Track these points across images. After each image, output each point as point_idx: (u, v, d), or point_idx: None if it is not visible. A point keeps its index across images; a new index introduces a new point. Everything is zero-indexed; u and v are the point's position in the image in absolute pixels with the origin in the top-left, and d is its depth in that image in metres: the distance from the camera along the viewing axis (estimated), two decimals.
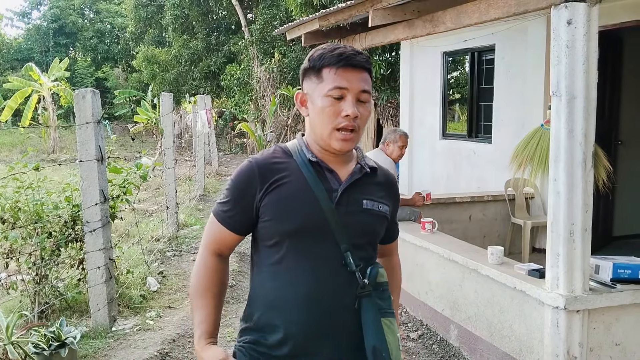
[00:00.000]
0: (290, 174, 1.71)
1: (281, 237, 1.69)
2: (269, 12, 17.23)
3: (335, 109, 1.66)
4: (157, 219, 8.01)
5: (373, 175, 1.81)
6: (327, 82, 1.67)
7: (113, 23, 34.02)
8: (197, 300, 1.76)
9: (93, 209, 4.35)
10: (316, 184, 1.69)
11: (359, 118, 1.67)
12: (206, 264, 1.79)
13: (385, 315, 1.71)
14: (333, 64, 1.66)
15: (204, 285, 1.77)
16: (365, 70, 1.70)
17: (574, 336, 3.31)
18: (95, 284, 4.41)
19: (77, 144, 4.37)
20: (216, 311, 1.78)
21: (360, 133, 1.71)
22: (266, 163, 1.73)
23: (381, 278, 1.74)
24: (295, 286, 1.67)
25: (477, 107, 7.83)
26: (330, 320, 1.68)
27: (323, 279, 1.67)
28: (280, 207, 1.68)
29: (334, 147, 1.69)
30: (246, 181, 1.73)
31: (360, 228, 1.73)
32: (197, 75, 21.95)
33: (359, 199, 1.74)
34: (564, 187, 3.25)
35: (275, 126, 13.96)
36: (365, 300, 1.69)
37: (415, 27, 5.06)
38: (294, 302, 1.67)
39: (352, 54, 1.67)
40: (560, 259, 3.28)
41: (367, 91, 1.69)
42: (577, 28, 3.14)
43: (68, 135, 22.21)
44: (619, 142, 6.75)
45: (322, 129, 1.69)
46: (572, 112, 3.20)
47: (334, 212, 1.68)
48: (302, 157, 1.73)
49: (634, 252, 5.16)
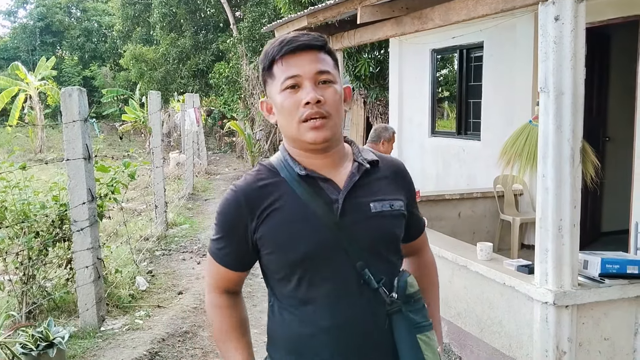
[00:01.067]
0: (281, 195, 1.52)
1: (289, 268, 1.51)
2: (257, 9, 17.20)
3: (294, 100, 1.47)
4: (146, 218, 7.97)
5: (375, 169, 1.60)
6: (278, 76, 1.50)
7: (100, 21, 33.84)
8: (226, 342, 1.63)
9: (80, 208, 4.32)
10: (312, 200, 1.50)
11: (324, 103, 1.47)
12: (217, 304, 1.64)
13: (421, 331, 1.53)
14: (277, 54, 1.50)
15: (226, 326, 1.63)
16: (317, 49, 1.50)
17: (563, 331, 3.32)
18: (83, 283, 4.38)
19: (64, 143, 4.33)
20: (249, 347, 1.64)
21: (334, 119, 1.50)
22: (252, 189, 1.54)
23: (411, 288, 1.54)
24: (316, 321, 1.51)
25: (466, 105, 7.85)
26: (362, 348, 1.51)
27: (345, 305, 1.50)
28: (279, 237, 1.50)
29: (308, 140, 1.49)
30: (234, 214, 1.55)
31: (373, 237, 1.53)
32: (186, 73, 21.87)
33: (366, 203, 1.53)
34: (552, 183, 3.26)
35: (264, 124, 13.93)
36: (396, 317, 1.51)
37: (403, 24, 5.06)
38: (318, 340, 1.51)
39: (294, 37, 1.50)
40: (549, 254, 3.29)
41: (325, 71, 1.49)
42: (565, 24, 3.15)
43: (55, 134, 22.06)
44: (607, 138, 6.78)
45: (289, 127, 1.51)
46: (560, 109, 3.21)
47: (339, 227, 1.49)
48: (290, 172, 1.53)
49: (622, 247, 5.20)
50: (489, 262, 3.92)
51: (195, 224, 8.48)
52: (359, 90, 12.17)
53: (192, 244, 7.23)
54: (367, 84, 11.20)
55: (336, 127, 1.51)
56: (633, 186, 5.37)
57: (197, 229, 8.16)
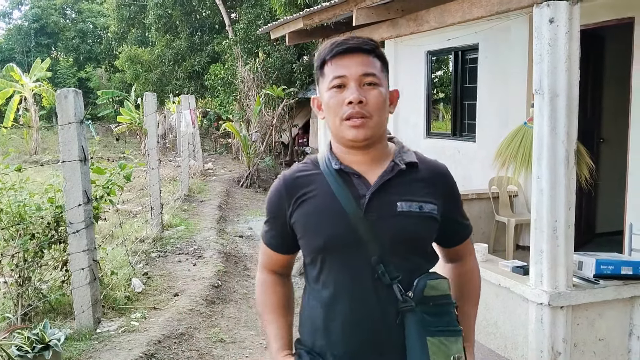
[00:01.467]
0: (316, 186, 1.64)
1: (314, 254, 1.63)
2: (253, 11, 17.18)
3: (339, 99, 1.57)
4: (142, 220, 7.96)
5: (412, 171, 1.64)
6: (327, 75, 1.60)
7: (95, 23, 33.75)
8: (267, 316, 1.76)
9: (76, 210, 4.31)
10: (342, 193, 1.59)
11: (366, 103, 1.55)
12: (264, 281, 1.80)
13: (435, 334, 1.53)
14: (328, 56, 1.60)
15: (269, 302, 1.77)
16: (365, 52, 1.59)
17: (558, 332, 3.34)
18: (79, 285, 4.37)
19: (59, 145, 4.33)
20: (288, 326, 1.76)
21: (375, 120, 1.57)
22: (292, 179, 1.69)
23: (431, 291, 1.56)
24: (333, 305, 1.60)
25: (461, 106, 7.88)
26: (374, 338, 1.58)
27: (360, 295, 1.58)
28: (307, 223, 1.63)
29: (348, 137, 1.58)
30: (276, 200, 1.70)
31: (395, 235, 1.57)
32: (181, 75, 21.83)
33: (392, 202, 1.59)
34: (547, 184, 3.28)
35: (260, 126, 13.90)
36: (409, 315, 1.55)
37: (399, 26, 5.08)
38: (334, 323, 1.60)
39: (345, 40, 1.60)
40: (543, 255, 3.31)
41: (371, 74, 1.57)
42: (559, 26, 3.18)
43: (50, 136, 22.01)
44: (601, 139, 6.81)
45: (333, 123, 1.61)
46: (555, 110, 3.23)
47: (363, 221, 1.56)
48: (328, 166, 1.64)
49: (617, 248, 5.22)
50: (484, 263, 3.93)
51: (191, 225, 8.47)
52: None
53: (187, 245, 7.22)
54: None
55: (376, 127, 1.58)
56: (627, 187, 5.40)
57: (193, 230, 8.16)
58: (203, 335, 4.58)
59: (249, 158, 13.46)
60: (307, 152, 16.67)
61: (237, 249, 7.42)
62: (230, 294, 5.64)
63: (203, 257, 6.68)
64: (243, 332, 4.76)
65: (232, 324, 4.91)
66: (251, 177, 13.06)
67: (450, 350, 1.55)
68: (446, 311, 1.59)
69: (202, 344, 4.42)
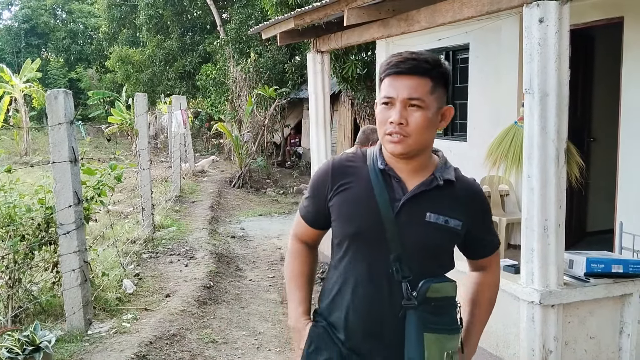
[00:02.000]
0: (358, 178, 1.80)
1: (343, 238, 1.79)
2: (244, 11, 17.17)
3: (385, 116, 1.73)
4: (133, 221, 7.92)
5: (448, 187, 1.78)
6: (382, 90, 1.76)
7: (86, 23, 33.64)
8: (292, 281, 1.95)
9: (67, 211, 4.29)
10: (380, 192, 1.74)
11: (407, 125, 1.70)
12: (294, 250, 1.98)
13: (432, 331, 1.69)
14: (384, 73, 1.75)
15: (295, 269, 1.96)
16: (416, 75, 1.70)
17: (550, 330, 3.35)
18: (70, 287, 4.35)
19: (49, 146, 4.30)
20: (310, 294, 1.95)
21: (413, 139, 1.71)
22: (340, 165, 1.85)
23: (434, 293, 1.71)
24: (348, 286, 1.77)
25: (452, 106, 7.88)
26: (379, 326, 1.74)
27: (372, 285, 1.74)
28: (343, 209, 1.79)
29: (387, 149, 1.75)
30: (321, 180, 1.86)
31: (417, 241, 1.73)
32: (172, 75, 21.78)
33: (422, 211, 1.74)
34: (537, 183, 3.29)
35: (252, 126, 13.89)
36: (411, 312, 1.70)
37: (390, 26, 5.08)
38: (347, 303, 1.77)
39: (398, 62, 1.72)
40: (534, 254, 3.32)
41: (416, 98, 1.70)
42: (549, 26, 3.19)
43: (41, 137, 21.89)
44: (592, 139, 6.84)
45: (379, 133, 1.77)
46: (545, 110, 3.24)
47: (392, 222, 1.71)
48: (374, 163, 1.80)
49: (607, 247, 5.25)
50: None
51: (183, 226, 8.45)
52: (347, 92, 12.19)
53: (179, 246, 7.20)
54: (354, 86, 11.22)
55: (414, 145, 1.72)
56: (617, 186, 5.43)
57: (185, 231, 8.13)
58: (195, 336, 4.57)
59: (240, 158, 13.44)
60: (300, 152, 16.68)
61: (229, 250, 7.41)
62: (222, 295, 5.63)
63: (195, 258, 6.66)
64: (235, 333, 4.75)
65: (224, 325, 4.90)
66: (243, 177, 13.04)
67: (445, 346, 1.71)
68: (446, 312, 1.76)
69: (194, 345, 4.41)
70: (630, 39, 5.20)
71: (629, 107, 5.24)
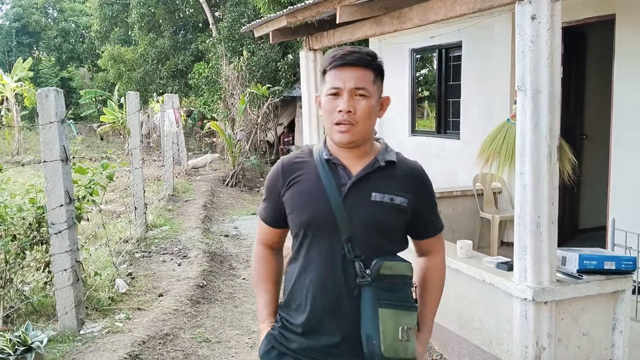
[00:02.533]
0: (307, 171, 1.91)
1: (298, 228, 1.89)
2: (237, 9, 17.11)
3: (332, 106, 1.83)
4: (125, 220, 7.89)
5: (390, 168, 1.89)
6: (327, 82, 1.86)
7: (78, 22, 33.48)
8: (258, 285, 2.07)
9: (58, 210, 4.27)
10: (327, 180, 1.85)
11: (355, 113, 1.81)
12: (259, 254, 2.09)
13: (387, 306, 1.77)
14: (330, 66, 1.85)
15: (261, 273, 2.07)
16: (361, 66, 1.83)
17: (543, 327, 3.35)
18: (61, 286, 4.33)
19: (40, 145, 4.28)
20: (276, 295, 2.06)
21: (361, 126, 1.83)
22: (289, 162, 1.96)
23: (386, 271, 1.79)
24: (307, 273, 1.87)
25: (445, 104, 7.90)
26: (335, 305, 1.83)
27: (328, 267, 1.84)
28: (295, 201, 1.90)
29: (335, 140, 1.86)
30: (274, 180, 1.97)
31: (365, 220, 1.82)
32: (165, 74, 21.68)
33: (368, 192, 1.84)
34: (530, 180, 3.29)
35: (245, 125, 13.84)
36: (365, 289, 1.79)
37: (382, 24, 5.08)
38: (306, 287, 1.87)
39: (345, 54, 1.83)
40: (527, 251, 3.32)
41: (362, 87, 1.82)
42: (541, 23, 3.19)
43: (32, 136, 21.77)
44: (584, 136, 6.87)
45: (327, 124, 1.88)
46: (537, 107, 3.25)
47: (340, 206, 1.82)
48: (319, 156, 1.91)
49: (600, 244, 5.27)
50: (469, 260, 3.94)
51: (176, 225, 8.42)
52: None
53: (172, 245, 7.18)
54: None
55: (361, 133, 1.84)
56: (610, 183, 5.44)
57: (178, 230, 8.11)
58: (188, 336, 4.55)
59: (234, 157, 13.41)
60: (293, 150, 16.65)
61: (222, 249, 7.39)
62: (216, 294, 5.62)
63: (188, 257, 6.64)
64: (229, 332, 4.74)
65: (218, 324, 4.88)
66: (236, 176, 13.01)
67: (400, 321, 1.78)
68: (401, 289, 1.83)
69: (187, 344, 4.39)
70: (622, 36, 5.21)
71: (621, 104, 5.26)
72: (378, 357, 1.75)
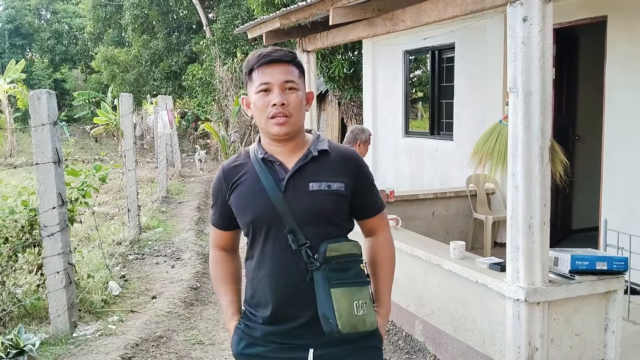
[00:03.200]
0: (246, 172, 1.98)
1: (246, 228, 1.97)
2: (231, 11, 17.12)
3: (265, 101, 1.89)
4: (119, 222, 7.87)
5: (323, 157, 1.96)
6: (255, 81, 1.91)
7: (71, 23, 33.37)
8: (218, 288, 2.15)
9: (51, 212, 4.25)
10: (265, 177, 1.92)
11: (288, 105, 1.88)
12: (214, 258, 2.15)
13: (338, 285, 1.85)
14: (256, 64, 1.91)
15: (219, 275, 2.14)
16: (286, 62, 1.91)
17: (535, 328, 3.36)
18: (54, 289, 4.32)
19: (32, 147, 4.26)
20: (237, 294, 2.13)
21: (294, 118, 1.90)
22: (229, 167, 2.03)
23: (332, 252, 1.88)
24: (261, 267, 1.95)
25: (439, 105, 7.92)
26: (292, 294, 1.90)
27: (279, 259, 1.91)
28: (240, 203, 1.97)
29: (273, 132, 1.90)
30: (217, 185, 2.05)
31: (306, 209, 1.89)
32: (158, 75, 21.66)
33: (305, 183, 1.91)
34: (522, 181, 3.30)
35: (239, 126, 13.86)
36: (316, 273, 1.87)
37: (375, 26, 5.08)
38: (263, 280, 1.94)
39: (269, 52, 1.91)
40: (520, 252, 3.33)
41: (291, 81, 1.90)
42: (533, 25, 3.20)
43: (25, 138, 21.65)
44: (576, 137, 6.89)
45: (260, 121, 1.93)
46: (529, 108, 3.26)
47: (281, 200, 1.89)
48: (256, 156, 1.98)
49: (592, 244, 5.29)
50: (462, 261, 3.95)
51: (169, 227, 8.41)
52: (334, 92, 12.18)
53: (165, 247, 7.17)
54: (341, 85, 11.22)
55: (296, 124, 1.92)
56: (602, 184, 5.46)
57: (171, 232, 8.09)
58: (181, 338, 4.54)
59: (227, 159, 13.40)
60: None
61: None
62: (209, 296, 5.61)
63: (181, 259, 6.63)
64: (222, 334, 4.73)
65: (211, 326, 4.88)
66: None
67: (353, 297, 1.87)
68: (350, 267, 1.91)
69: (180, 347, 4.39)
70: (614, 37, 5.24)
71: (613, 105, 5.28)
72: (337, 334, 1.83)
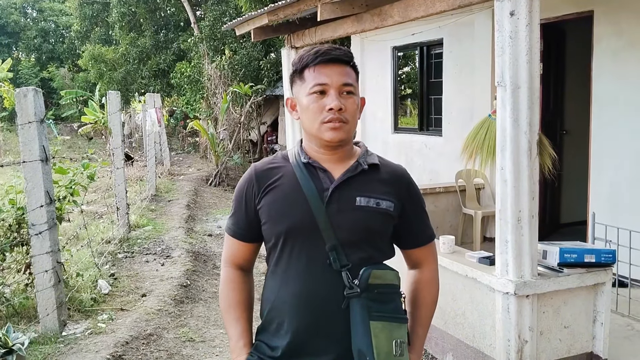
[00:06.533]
0: (283, 176, 1.76)
1: (276, 238, 1.73)
2: (218, 8, 17.03)
3: (320, 105, 1.69)
4: (108, 221, 7.83)
5: (373, 171, 1.77)
6: (308, 81, 1.71)
7: (57, 22, 33.10)
8: (228, 314, 1.84)
9: (38, 211, 4.22)
10: (307, 184, 1.71)
11: (345, 110, 1.69)
12: (228, 277, 1.87)
13: (378, 319, 1.64)
14: (311, 62, 1.70)
15: (231, 299, 1.85)
16: (345, 63, 1.72)
17: (525, 321, 3.38)
18: (43, 288, 4.29)
19: (19, 145, 4.23)
20: (249, 323, 1.85)
21: (350, 124, 1.71)
22: (263, 169, 1.80)
23: (376, 280, 1.66)
24: (288, 286, 1.71)
25: (427, 101, 7.94)
26: (322, 319, 1.68)
27: (312, 278, 1.69)
28: (272, 209, 1.74)
29: (326, 138, 1.70)
30: (246, 188, 1.80)
31: (351, 226, 1.69)
32: (146, 73, 21.52)
33: (352, 196, 1.71)
34: (510, 175, 3.32)
35: (228, 124, 13.80)
36: (354, 301, 1.65)
37: (363, 21, 5.09)
38: (288, 302, 1.70)
39: (328, 50, 1.71)
40: (509, 245, 3.35)
41: (349, 84, 1.71)
42: (520, 19, 3.21)
43: (13, 137, 21.48)
44: (564, 131, 6.93)
45: (311, 125, 1.72)
46: (517, 102, 3.27)
47: (323, 212, 1.68)
48: (297, 160, 1.77)
49: (581, 238, 5.32)
50: (452, 255, 3.97)
51: (159, 225, 8.37)
52: None
53: (155, 245, 7.14)
54: None
55: (350, 132, 1.73)
56: (590, 178, 5.50)
57: (161, 230, 8.06)
58: (172, 335, 4.53)
59: (217, 156, 13.36)
60: (276, 149, 16.63)
61: (206, 248, 7.35)
62: (200, 293, 5.59)
63: (171, 257, 6.60)
64: (213, 331, 4.72)
65: (202, 323, 4.87)
66: (220, 175, 12.97)
67: (393, 334, 1.65)
68: (391, 299, 1.70)
69: (171, 344, 4.37)
70: (600, 32, 5.27)
71: (600, 99, 5.32)
72: None
